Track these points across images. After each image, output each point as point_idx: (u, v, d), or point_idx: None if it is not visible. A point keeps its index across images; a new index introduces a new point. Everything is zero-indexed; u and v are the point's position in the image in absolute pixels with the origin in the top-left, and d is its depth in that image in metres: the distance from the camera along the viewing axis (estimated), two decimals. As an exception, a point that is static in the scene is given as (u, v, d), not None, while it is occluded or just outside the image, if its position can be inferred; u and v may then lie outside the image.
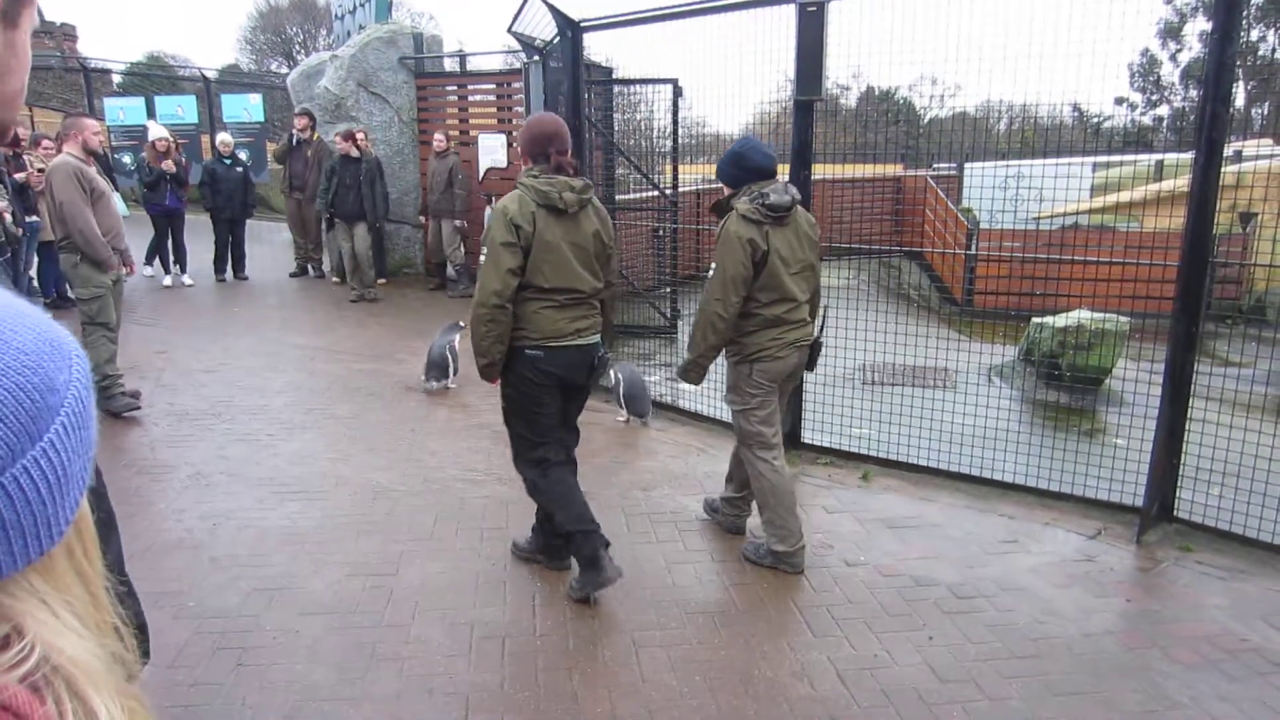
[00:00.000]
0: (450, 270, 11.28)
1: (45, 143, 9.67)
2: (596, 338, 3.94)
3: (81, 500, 0.70)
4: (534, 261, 3.67)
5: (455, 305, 10.52)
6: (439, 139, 10.74)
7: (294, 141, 11.68)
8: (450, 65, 13.05)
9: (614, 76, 8.70)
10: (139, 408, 6.44)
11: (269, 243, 14.90)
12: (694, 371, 4.30)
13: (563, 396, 3.97)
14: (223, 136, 12.31)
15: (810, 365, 4.40)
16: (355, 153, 10.40)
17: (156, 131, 11.30)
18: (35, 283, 9.94)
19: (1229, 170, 4.93)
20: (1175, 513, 4.72)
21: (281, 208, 14.00)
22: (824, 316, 4.53)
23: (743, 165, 4.13)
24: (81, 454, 0.68)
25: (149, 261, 11.45)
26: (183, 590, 3.98)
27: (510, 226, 3.61)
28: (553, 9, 6.65)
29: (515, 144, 11.02)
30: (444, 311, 10.21)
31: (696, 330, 4.21)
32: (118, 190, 11.03)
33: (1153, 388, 4.85)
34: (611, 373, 6.39)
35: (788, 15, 5.24)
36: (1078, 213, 11.35)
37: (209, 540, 4.49)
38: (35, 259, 9.65)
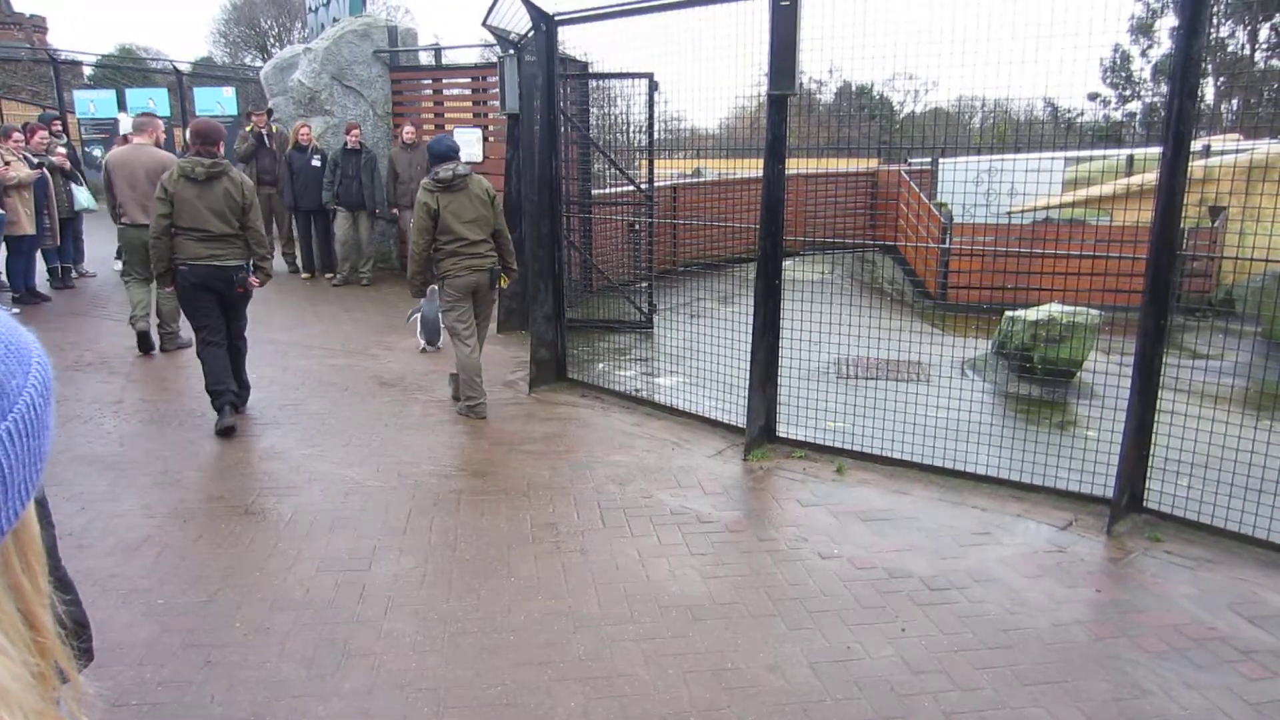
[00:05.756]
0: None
1: (15, 135, 9.52)
2: (234, 261, 5.96)
3: (24, 511, 0.66)
4: (176, 210, 5.80)
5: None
6: (409, 130, 10.75)
7: (263, 139, 11.59)
8: (425, 59, 12.95)
9: (589, 71, 8.66)
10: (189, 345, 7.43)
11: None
12: (411, 286, 6.52)
13: (215, 300, 6.02)
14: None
15: (492, 285, 6.33)
16: (358, 145, 10.89)
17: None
18: (4, 276, 9.80)
19: (1197, 164, 4.99)
20: (1145, 503, 4.77)
21: None
22: (509, 254, 6.44)
23: (430, 155, 6.23)
24: (28, 463, 0.65)
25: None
26: (151, 587, 3.93)
27: (162, 189, 5.84)
28: (527, 2, 6.61)
29: (490, 139, 10.99)
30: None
31: (408, 260, 6.48)
32: (85, 184, 10.90)
33: (1123, 380, 4.90)
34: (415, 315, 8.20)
35: (761, 10, 5.24)
36: (1049, 207, 11.45)
37: (179, 536, 4.44)
38: (4, 252, 9.51)
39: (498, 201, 6.29)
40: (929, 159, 12.64)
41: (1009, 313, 8.09)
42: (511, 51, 8.04)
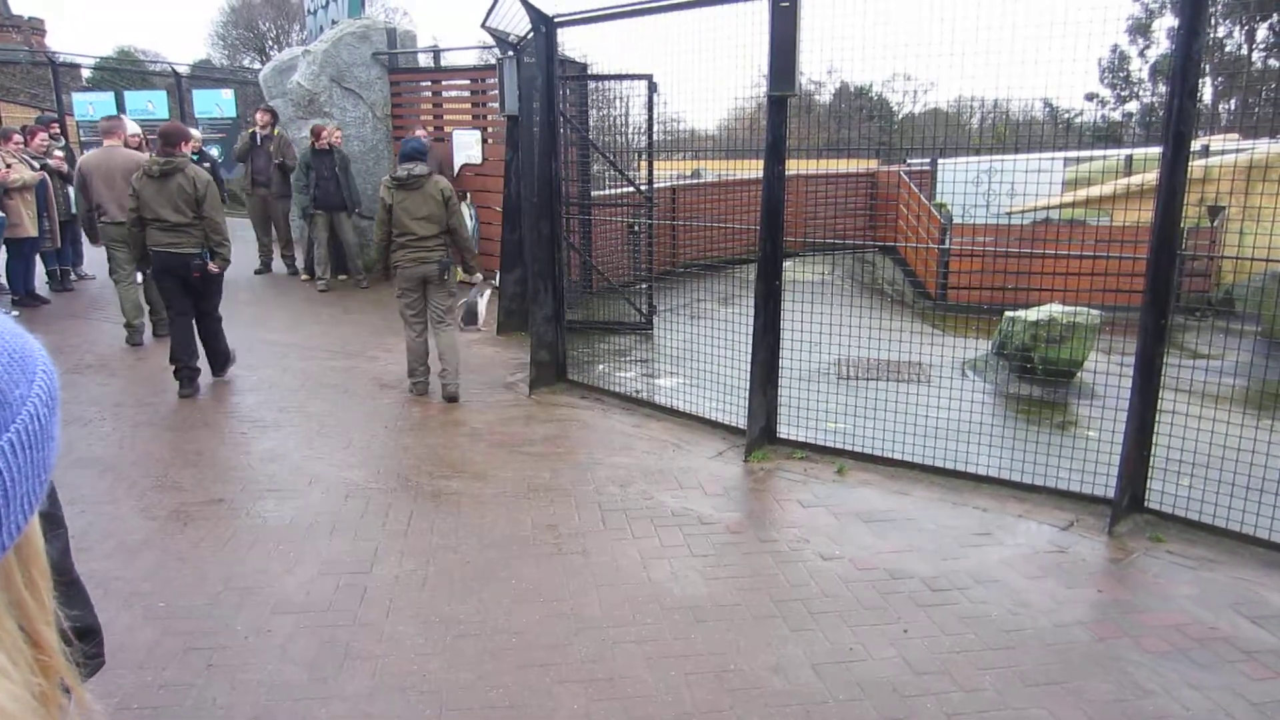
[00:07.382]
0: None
1: (15, 138, 9.50)
2: (189, 249, 6.67)
3: (28, 524, 0.63)
4: (142, 204, 6.57)
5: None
6: (421, 135, 10.71)
7: (256, 139, 11.53)
8: (424, 61, 12.95)
9: (589, 72, 8.65)
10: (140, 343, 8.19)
11: (240, 239, 14.69)
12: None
13: (180, 283, 6.76)
14: (190, 132, 12.13)
15: (441, 277, 6.75)
16: (327, 146, 10.55)
17: (130, 128, 11.15)
18: (4, 279, 9.79)
19: (1196, 164, 4.98)
20: (1146, 503, 4.77)
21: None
22: (465, 248, 7.00)
23: (400, 155, 6.75)
24: (31, 475, 0.62)
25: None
26: (152, 590, 3.93)
27: (132, 186, 6.64)
28: (526, 4, 6.61)
29: (490, 140, 10.98)
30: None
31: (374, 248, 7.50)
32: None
33: (1124, 380, 4.90)
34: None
35: (761, 11, 5.24)
36: (1049, 208, 11.45)
37: (179, 539, 4.44)
38: (4, 255, 9.50)
39: (453, 202, 6.72)
40: (928, 159, 12.65)
41: (1009, 313, 8.08)
42: (511, 53, 8.04)
